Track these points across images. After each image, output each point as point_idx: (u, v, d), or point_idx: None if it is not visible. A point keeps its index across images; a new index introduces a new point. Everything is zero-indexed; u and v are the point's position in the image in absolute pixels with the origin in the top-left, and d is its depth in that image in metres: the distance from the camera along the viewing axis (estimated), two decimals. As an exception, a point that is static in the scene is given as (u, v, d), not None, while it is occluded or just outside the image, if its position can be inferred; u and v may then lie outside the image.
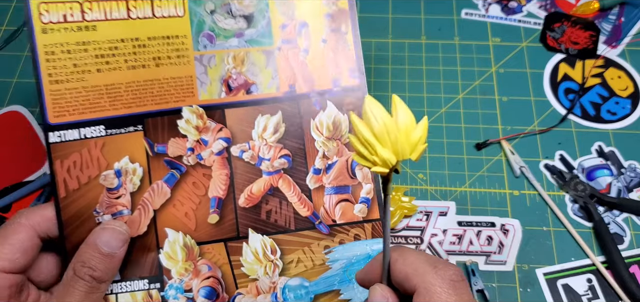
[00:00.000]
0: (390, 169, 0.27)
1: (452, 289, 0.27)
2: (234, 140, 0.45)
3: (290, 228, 0.44)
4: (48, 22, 0.42)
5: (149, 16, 0.44)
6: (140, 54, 0.44)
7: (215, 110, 0.45)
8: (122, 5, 0.44)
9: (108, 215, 0.42)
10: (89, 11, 0.43)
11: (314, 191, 0.44)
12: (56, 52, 0.42)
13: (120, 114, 0.43)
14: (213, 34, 0.45)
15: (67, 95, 0.42)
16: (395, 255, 0.30)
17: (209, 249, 0.43)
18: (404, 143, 0.26)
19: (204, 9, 0.46)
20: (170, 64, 0.45)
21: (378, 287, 0.30)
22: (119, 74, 0.43)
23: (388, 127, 0.26)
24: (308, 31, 0.46)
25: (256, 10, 0.46)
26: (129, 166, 0.43)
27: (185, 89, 0.45)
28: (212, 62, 0.45)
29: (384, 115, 0.26)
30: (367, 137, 0.26)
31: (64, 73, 0.42)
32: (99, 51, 0.43)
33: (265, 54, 0.46)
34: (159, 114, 0.44)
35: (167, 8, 0.45)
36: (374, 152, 0.26)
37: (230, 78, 0.45)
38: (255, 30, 0.46)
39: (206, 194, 0.44)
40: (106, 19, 0.43)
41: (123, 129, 0.43)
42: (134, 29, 0.44)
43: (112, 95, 0.43)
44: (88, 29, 0.43)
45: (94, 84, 0.43)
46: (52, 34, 0.42)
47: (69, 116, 0.42)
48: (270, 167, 0.45)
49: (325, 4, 0.46)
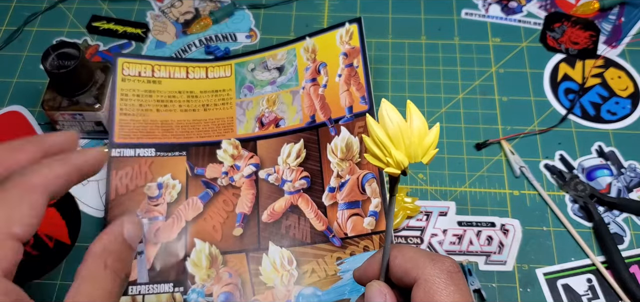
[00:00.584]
0: (401, 170, 0.28)
1: (449, 279, 0.28)
2: (262, 165, 0.52)
3: (307, 241, 0.48)
4: (127, 75, 0.54)
5: (203, 77, 0.56)
6: (192, 102, 0.55)
7: (249, 142, 0.53)
8: (183, 69, 0.56)
9: (146, 218, 0.48)
10: (157, 71, 0.55)
11: (328, 208, 0.49)
12: (129, 95, 0.53)
13: (169, 141, 0.52)
14: (252, 85, 0.56)
15: (131, 124, 0.52)
16: (395, 252, 0.31)
17: (231, 259, 0.48)
18: (417, 147, 0.27)
19: (247, 68, 0.57)
20: (216, 109, 0.55)
21: (375, 284, 0.31)
22: (173, 114, 0.54)
23: (402, 130, 0.27)
24: (326, 69, 0.54)
25: (286, 61, 0.57)
26: (170, 181, 0.51)
27: (226, 127, 0.54)
28: (250, 105, 0.55)
29: (399, 119, 0.27)
30: (382, 139, 0.27)
31: (131, 109, 0.53)
32: (160, 98, 0.54)
33: (292, 93, 0.55)
34: (202, 145, 0.53)
35: (218, 71, 0.57)
36: (388, 153, 0.27)
37: (263, 116, 0.54)
38: (285, 77, 0.56)
39: (233, 210, 0.50)
40: (170, 78, 0.55)
41: (170, 153, 0.52)
42: (190, 85, 0.56)
43: (165, 128, 0.53)
44: (155, 82, 0.55)
45: (153, 119, 0.53)
46: (128, 82, 0.54)
47: (129, 139, 0.52)
48: (291, 187, 0.50)
49: (340, 44, 0.54)
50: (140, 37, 0.62)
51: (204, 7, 0.65)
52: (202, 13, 0.65)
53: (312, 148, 0.51)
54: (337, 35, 0.55)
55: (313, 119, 0.53)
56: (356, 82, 0.52)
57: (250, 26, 0.64)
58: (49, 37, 0.63)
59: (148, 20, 0.64)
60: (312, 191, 0.50)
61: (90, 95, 0.52)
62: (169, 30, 0.63)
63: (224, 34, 0.63)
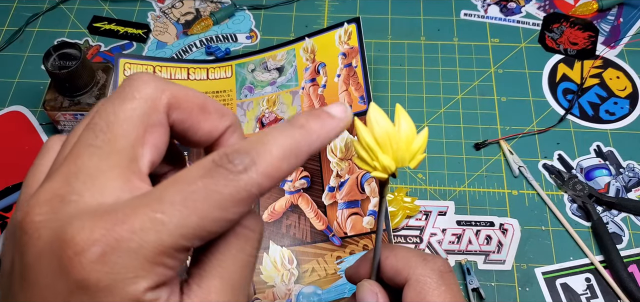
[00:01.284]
0: (388, 174, 0.27)
1: (441, 279, 0.28)
2: None
3: (307, 240, 0.48)
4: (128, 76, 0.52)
5: (204, 78, 0.57)
6: None
7: None
8: (184, 70, 0.57)
9: None
10: (159, 72, 0.55)
11: (328, 207, 0.49)
12: None
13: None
14: (252, 86, 0.56)
15: None
16: (386, 252, 0.31)
17: None
18: (404, 151, 0.27)
19: (247, 69, 0.57)
20: None
21: (366, 283, 0.31)
22: None
23: (390, 135, 0.27)
24: (325, 69, 0.54)
25: (286, 61, 0.57)
26: None
27: None
28: (250, 106, 0.55)
29: (386, 123, 0.27)
30: (369, 143, 0.27)
31: None
32: None
33: (291, 93, 0.55)
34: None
35: (218, 72, 0.57)
36: (375, 157, 0.27)
37: (264, 116, 0.54)
38: (285, 77, 0.56)
39: None
40: (171, 79, 0.55)
41: None
42: (191, 86, 0.55)
43: None
44: None
45: None
46: None
47: None
48: (291, 187, 0.50)
49: (339, 44, 0.55)
50: (141, 38, 0.63)
51: (204, 8, 0.65)
52: (203, 14, 0.65)
53: None
54: (335, 36, 0.55)
55: None
56: (355, 82, 0.53)
57: (250, 27, 0.64)
58: (51, 37, 0.63)
59: (149, 21, 0.64)
60: (312, 191, 0.50)
61: (92, 95, 0.52)
62: (169, 31, 0.64)
63: (225, 35, 0.63)
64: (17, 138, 0.56)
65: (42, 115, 0.57)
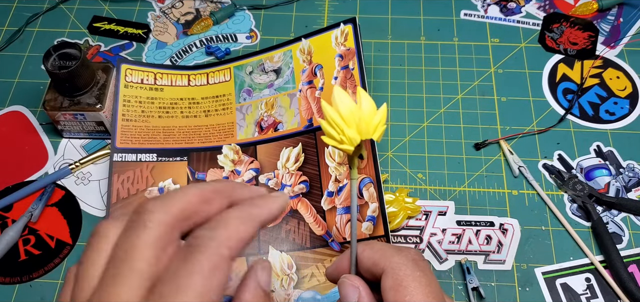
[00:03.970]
0: (355, 147, 0.31)
1: (415, 265, 0.30)
2: (262, 170, 0.52)
3: (306, 246, 0.48)
4: (130, 81, 0.54)
5: (204, 83, 0.57)
6: (193, 108, 0.56)
7: (249, 147, 0.53)
8: (185, 77, 0.57)
9: None
10: (160, 78, 0.56)
11: (327, 212, 0.49)
12: (131, 101, 0.54)
13: (170, 147, 0.53)
14: (251, 89, 0.56)
15: (133, 130, 0.53)
16: (362, 246, 0.33)
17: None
18: (368, 124, 0.31)
19: (245, 71, 0.57)
20: (217, 114, 0.55)
21: (345, 279, 0.32)
22: (175, 121, 0.54)
23: (353, 111, 0.30)
24: (322, 72, 0.54)
25: (283, 63, 0.57)
26: (171, 186, 0.51)
27: (227, 132, 0.54)
28: (249, 110, 0.55)
29: (349, 102, 0.30)
30: (335, 119, 0.30)
31: (134, 115, 0.53)
32: (162, 104, 0.55)
33: (289, 96, 0.55)
34: (203, 150, 0.53)
35: (218, 76, 0.58)
36: (341, 132, 0.30)
37: (262, 120, 0.54)
38: (282, 79, 0.56)
39: None
40: (172, 85, 0.56)
41: (171, 158, 0.52)
42: (191, 92, 0.56)
43: (166, 134, 0.54)
44: (157, 90, 0.55)
45: (154, 125, 0.54)
46: (131, 89, 0.54)
47: (131, 144, 0.52)
48: (291, 192, 0.50)
49: (335, 46, 0.54)
50: (141, 38, 0.63)
51: (204, 7, 0.66)
52: (203, 14, 0.65)
53: (310, 152, 0.51)
54: (332, 37, 0.55)
55: (310, 123, 0.52)
56: (352, 84, 0.52)
57: (250, 27, 0.64)
58: (50, 37, 0.63)
59: (149, 20, 0.64)
60: (311, 195, 0.50)
61: (92, 95, 0.52)
62: (169, 30, 0.64)
63: (225, 35, 0.63)
64: (17, 138, 0.56)
65: (42, 115, 0.57)
